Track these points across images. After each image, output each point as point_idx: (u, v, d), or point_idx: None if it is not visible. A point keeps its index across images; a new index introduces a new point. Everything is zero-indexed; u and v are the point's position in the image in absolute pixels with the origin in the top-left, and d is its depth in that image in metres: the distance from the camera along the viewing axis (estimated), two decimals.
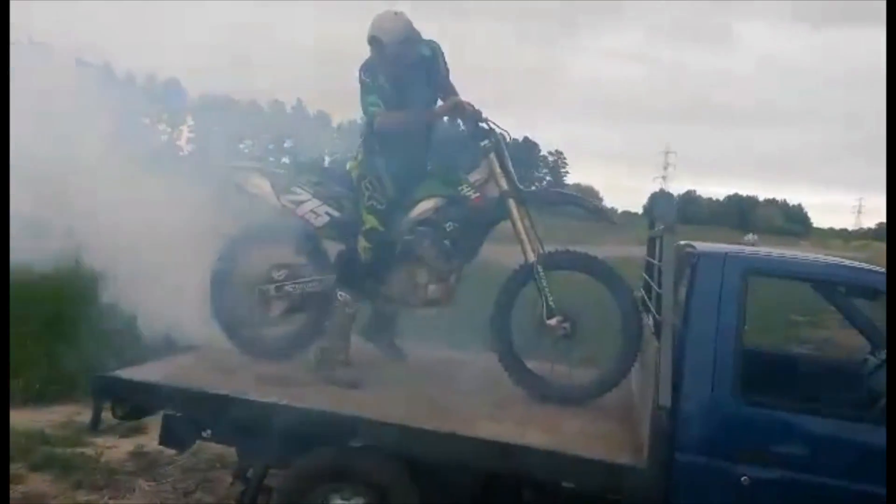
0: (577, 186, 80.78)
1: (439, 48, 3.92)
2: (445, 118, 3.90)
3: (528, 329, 3.89)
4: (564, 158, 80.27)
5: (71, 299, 6.32)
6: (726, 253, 3.24)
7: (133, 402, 3.55)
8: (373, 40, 3.66)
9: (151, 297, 4.30)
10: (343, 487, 3.32)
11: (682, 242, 3.64)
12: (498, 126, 3.84)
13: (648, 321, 3.72)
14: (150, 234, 4.28)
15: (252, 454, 3.63)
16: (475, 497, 3.35)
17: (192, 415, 3.49)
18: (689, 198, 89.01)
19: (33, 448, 4.79)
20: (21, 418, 5.34)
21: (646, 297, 4.01)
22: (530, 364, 3.90)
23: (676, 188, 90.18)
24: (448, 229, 3.85)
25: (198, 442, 3.85)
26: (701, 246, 3.44)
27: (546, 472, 3.10)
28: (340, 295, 3.85)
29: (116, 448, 4.99)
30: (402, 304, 4.01)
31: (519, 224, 3.83)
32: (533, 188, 4.02)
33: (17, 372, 5.74)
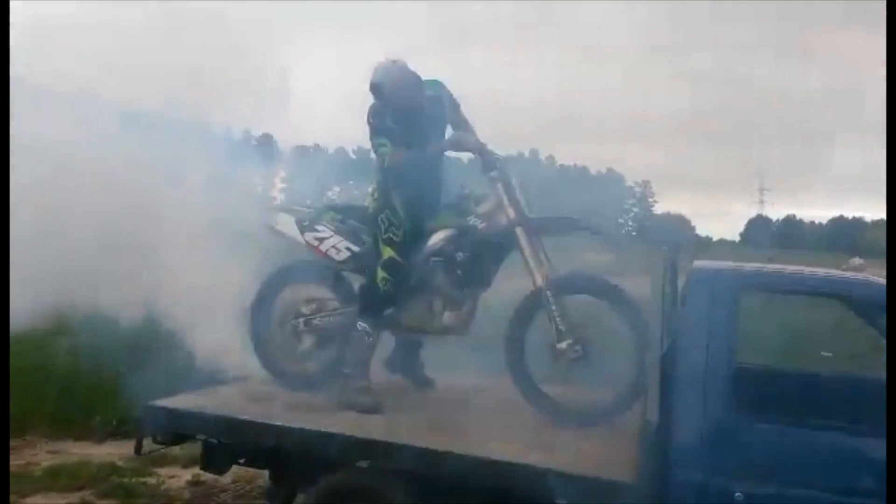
0: (667, 216, 78.97)
1: (443, 87, 4.16)
2: (452, 152, 4.11)
3: (542, 353, 4.00)
4: (652, 188, 78.56)
5: (145, 343, 6.84)
6: (718, 269, 3.27)
7: (171, 429, 3.88)
8: (374, 87, 3.95)
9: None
10: None
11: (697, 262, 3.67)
12: (499, 158, 4.02)
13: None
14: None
15: (279, 477, 3.88)
16: None
17: (222, 440, 3.78)
18: (790, 222, 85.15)
19: (104, 478, 5.25)
20: (98, 451, 5.87)
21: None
22: (546, 388, 3.99)
23: (775, 212, 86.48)
24: (459, 259, 4.04)
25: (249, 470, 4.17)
26: (700, 263, 3.48)
27: (544, 491, 3.17)
28: (360, 325, 4.08)
29: (178, 477, 5.37)
30: (419, 332, 4.21)
31: (527, 251, 3.96)
32: (535, 216, 4.11)
33: (98, 409, 6.29)
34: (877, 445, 2.89)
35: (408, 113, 3.99)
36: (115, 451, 5.90)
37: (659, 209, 79.72)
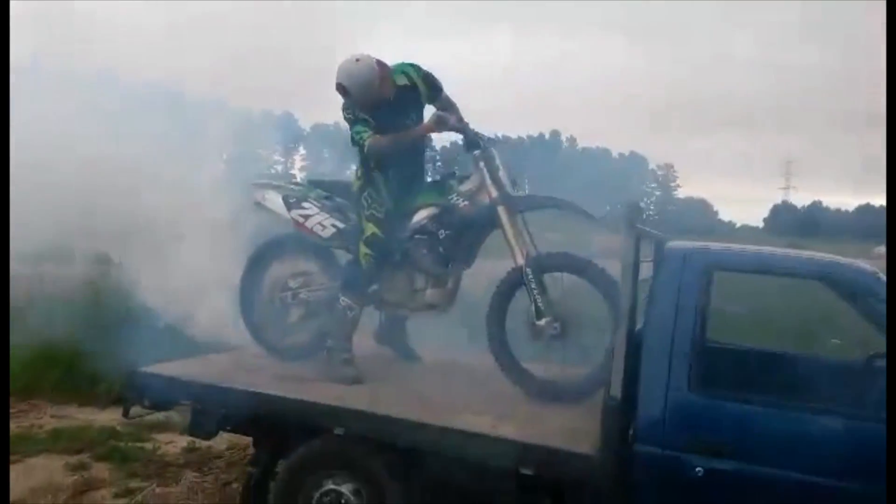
0: (689, 200, 78.29)
1: (418, 72, 4.18)
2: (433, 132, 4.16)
3: (523, 330, 4.07)
4: (675, 172, 77.89)
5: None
6: (688, 247, 3.30)
7: (157, 394, 4.02)
8: (338, 87, 3.99)
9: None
10: (335, 474, 3.63)
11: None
12: (483, 137, 4.07)
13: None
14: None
15: (261, 444, 4.01)
16: (457, 485, 3.55)
17: (206, 406, 3.91)
18: (815, 209, 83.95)
19: (103, 441, 5.43)
20: (100, 417, 6.06)
21: None
22: (527, 364, 4.06)
23: (801, 199, 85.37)
24: (441, 237, 4.10)
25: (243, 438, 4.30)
26: (671, 243, 3.51)
27: (508, 460, 3.26)
28: (342, 299, 4.18)
29: (173, 443, 5.53)
30: (401, 308, 4.30)
31: (508, 230, 4.01)
32: (520, 193, 4.17)
33: (102, 378, 6.47)
34: (837, 424, 2.94)
35: (377, 106, 4.03)
36: (116, 418, 6.04)
37: (681, 193, 79.13)
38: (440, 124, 4.03)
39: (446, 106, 4.24)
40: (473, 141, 4.07)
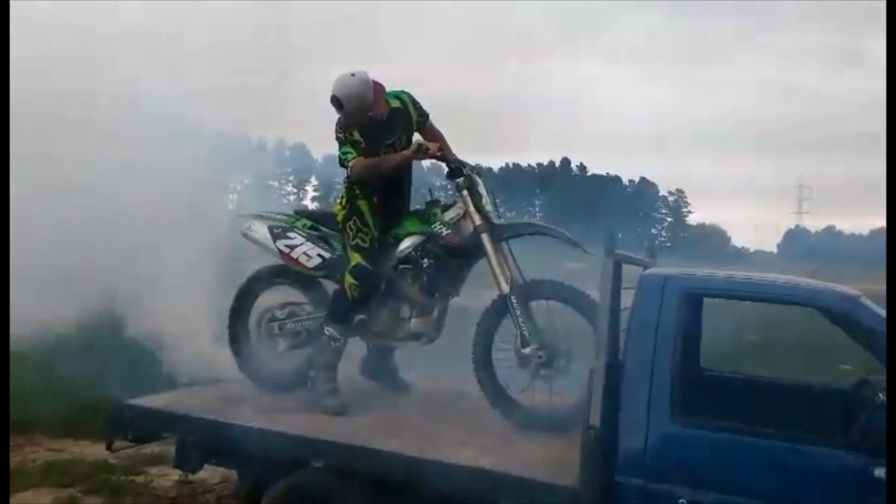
0: (702, 226, 77.91)
1: (409, 97, 4.24)
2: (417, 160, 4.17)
3: (509, 359, 4.03)
4: (685, 197, 77.57)
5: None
6: (667, 274, 3.27)
7: (140, 427, 4.00)
8: (333, 99, 4.02)
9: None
10: None
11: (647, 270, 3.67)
12: (466, 165, 4.08)
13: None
14: None
15: (245, 476, 3.97)
16: None
17: (188, 438, 3.89)
18: (829, 234, 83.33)
19: (95, 475, 5.39)
20: (94, 450, 6.02)
21: None
22: (513, 393, 4.01)
23: (815, 224, 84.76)
24: (426, 266, 4.09)
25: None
26: (650, 270, 3.48)
27: (489, 492, 3.21)
28: (327, 330, 4.16)
29: (167, 476, 5.48)
30: (387, 338, 4.27)
31: (493, 257, 4.00)
32: (501, 221, 4.15)
33: (99, 410, 6.46)
34: (821, 455, 2.87)
35: (369, 123, 4.06)
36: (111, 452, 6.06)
37: (693, 219, 78.77)
38: (421, 152, 4.04)
39: (432, 134, 4.25)
40: (456, 169, 4.08)
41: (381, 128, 4.10)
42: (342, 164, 4.11)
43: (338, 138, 4.11)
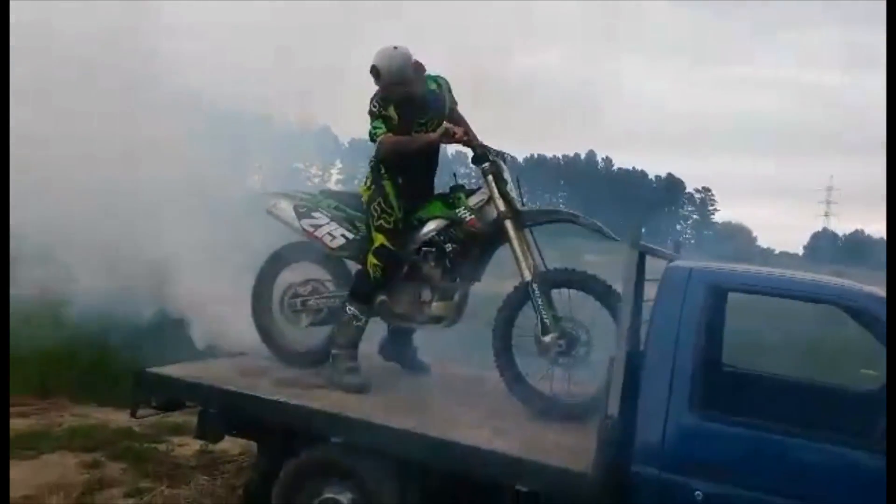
0: (728, 225, 77.03)
1: (447, 83, 4.27)
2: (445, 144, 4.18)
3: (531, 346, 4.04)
4: (713, 195, 76.62)
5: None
6: (692, 267, 3.26)
7: (164, 395, 4.08)
8: (372, 69, 4.05)
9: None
10: (334, 482, 3.64)
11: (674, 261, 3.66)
12: (491, 151, 4.08)
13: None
14: None
15: (264, 449, 4.04)
16: (453, 498, 3.53)
17: (209, 409, 3.96)
18: (857, 237, 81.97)
19: (117, 441, 5.52)
20: (118, 417, 6.15)
21: None
22: (532, 380, 4.03)
23: (842, 227, 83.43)
24: (448, 250, 4.11)
25: None
26: (676, 262, 3.47)
27: (504, 476, 3.24)
28: (349, 309, 4.20)
29: (187, 446, 5.59)
30: (408, 319, 4.29)
31: (516, 244, 4.00)
32: (526, 207, 4.16)
33: (122, 379, 6.59)
34: (836, 453, 2.87)
35: (405, 100, 4.07)
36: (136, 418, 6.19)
37: (719, 217, 77.87)
38: (448, 136, 4.05)
39: (458, 121, 4.26)
40: (481, 155, 4.08)
41: (416, 108, 4.11)
42: (372, 138, 4.14)
43: (371, 112, 4.12)
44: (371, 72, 4.06)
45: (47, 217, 5.21)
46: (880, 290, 3.17)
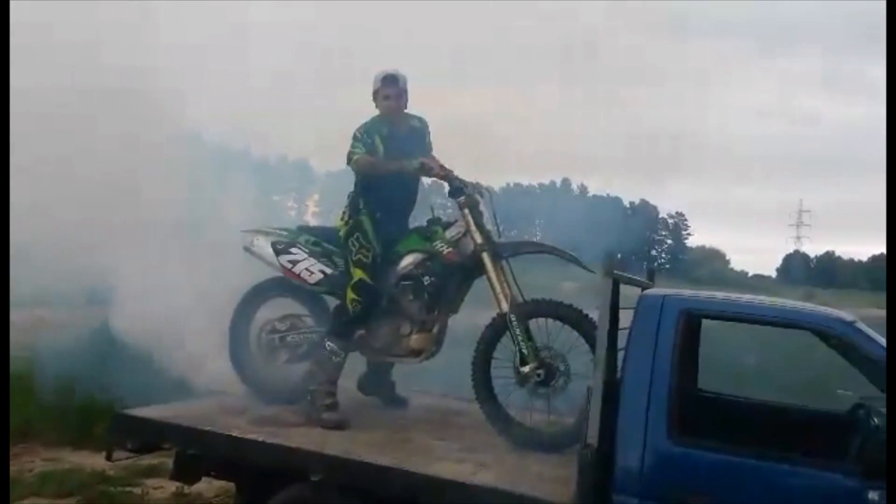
0: (702, 249, 77.98)
1: (425, 124, 4.39)
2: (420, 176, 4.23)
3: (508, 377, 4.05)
4: (685, 220, 77.65)
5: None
6: (665, 294, 3.31)
7: (139, 437, 4.01)
8: (376, 95, 4.23)
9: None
10: None
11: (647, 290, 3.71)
12: (466, 184, 4.14)
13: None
14: None
15: (242, 489, 3.98)
16: None
17: (187, 450, 3.90)
18: (828, 259, 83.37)
19: (92, 485, 5.40)
20: (92, 461, 6.03)
21: None
22: (512, 412, 4.03)
23: (814, 249, 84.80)
24: (426, 283, 4.13)
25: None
26: (649, 290, 3.52)
27: None
28: (328, 345, 4.19)
29: (162, 489, 5.49)
30: (387, 353, 4.30)
31: (493, 276, 4.04)
32: (502, 239, 4.21)
33: (98, 421, 6.47)
34: (816, 478, 2.90)
35: (389, 135, 4.18)
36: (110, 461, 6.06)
37: (693, 242, 78.84)
38: (424, 170, 4.10)
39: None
40: (457, 188, 4.13)
41: (400, 142, 4.19)
42: (349, 159, 4.20)
43: (355, 136, 4.20)
44: (373, 97, 4.23)
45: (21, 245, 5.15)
46: (849, 314, 3.24)
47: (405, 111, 4.32)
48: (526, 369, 3.90)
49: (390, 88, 4.21)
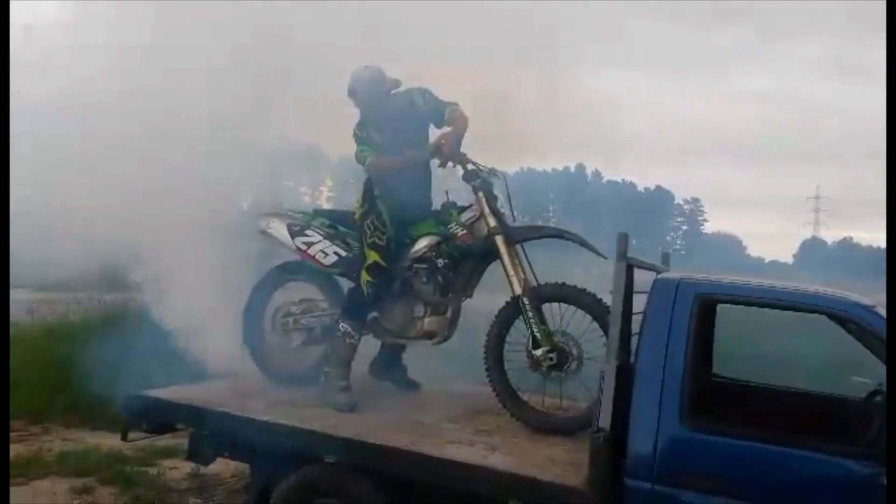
0: (717, 235, 77.41)
1: (424, 96, 4.23)
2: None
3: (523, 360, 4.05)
4: (701, 206, 76.99)
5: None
6: (680, 278, 3.28)
7: (155, 418, 4.06)
8: (350, 92, 4.16)
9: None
10: (327, 501, 3.62)
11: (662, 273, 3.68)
12: (481, 167, 4.11)
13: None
14: None
15: (256, 470, 4.02)
16: None
17: (200, 431, 3.94)
18: (846, 245, 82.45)
19: (109, 465, 5.47)
20: (110, 441, 6.09)
21: None
22: (525, 395, 4.04)
23: (831, 235, 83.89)
24: (440, 266, 4.12)
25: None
26: (664, 274, 3.49)
27: (499, 492, 3.23)
28: (342, 326, 4.20)
29: (178, 469, 5.55)
30: (400, 336, 4.30)
31: (507, 259, 4.02)
32: (517, 223, 4.19)
33: (114, 402, 6.55)
34: (830, 464, 2.88)
35: (385, 117, 4.15)
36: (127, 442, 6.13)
37: (709, 228, 78.22)
38: (436, 154, 4.08)
39: (453, 120, 4.14)
40: (472, 172, 4.11)
41: (397, 126, 4.15)
42: (360, 161, 4.18)
43: (354, 135, 4.18)
44: (349, 94, 4.19)
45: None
46: (866, 299, 3.20)
47: (396, 90, 4.26)
48: (539, 353, 3.90)
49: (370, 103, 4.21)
